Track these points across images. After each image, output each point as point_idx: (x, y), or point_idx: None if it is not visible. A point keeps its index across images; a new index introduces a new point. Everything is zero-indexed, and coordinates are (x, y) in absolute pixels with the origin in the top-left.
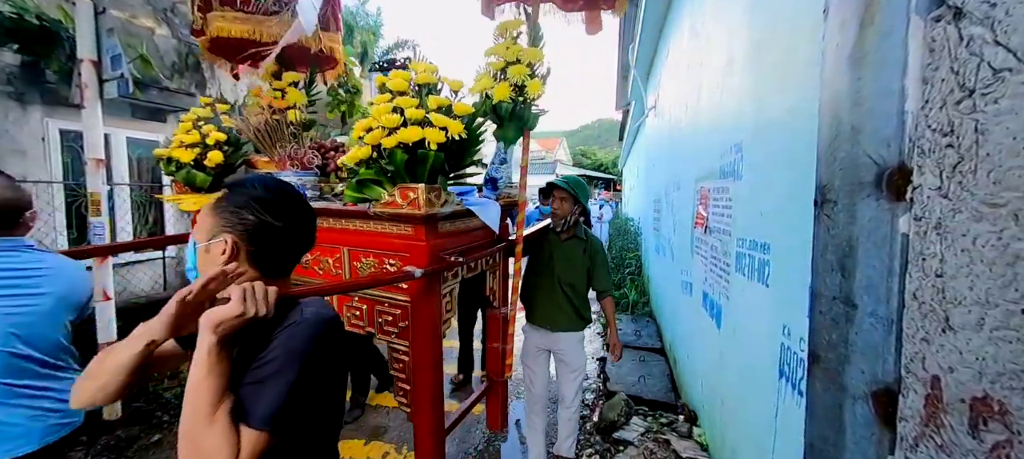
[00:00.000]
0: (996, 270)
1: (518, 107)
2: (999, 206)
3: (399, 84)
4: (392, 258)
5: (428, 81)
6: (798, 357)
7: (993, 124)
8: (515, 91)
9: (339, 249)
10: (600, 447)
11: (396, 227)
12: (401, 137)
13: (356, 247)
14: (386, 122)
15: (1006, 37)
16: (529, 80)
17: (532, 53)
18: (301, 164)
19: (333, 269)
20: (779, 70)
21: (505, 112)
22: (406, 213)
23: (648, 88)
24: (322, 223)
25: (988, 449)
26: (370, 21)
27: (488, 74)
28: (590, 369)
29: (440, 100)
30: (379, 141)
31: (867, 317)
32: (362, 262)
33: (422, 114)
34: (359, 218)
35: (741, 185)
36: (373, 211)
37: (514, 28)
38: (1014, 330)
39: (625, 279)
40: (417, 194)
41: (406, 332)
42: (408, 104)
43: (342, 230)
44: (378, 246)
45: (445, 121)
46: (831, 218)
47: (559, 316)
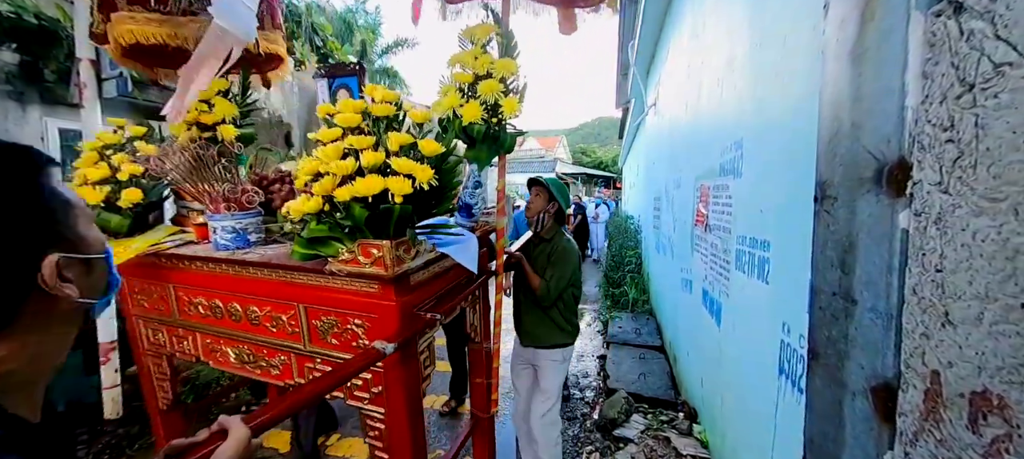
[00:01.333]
0: (996, 264)
1: (492, 129)
2: (999, 201)
3: (350, 119)
4: (357, 317)
5: (386, 114)
6: (798, 354)
7: (993, 119)
8: (488, 111)
9: (294, 305)
10: (600, 444)
11: (360, 282)
12: (357, 191)
13: (314, 304)
14: (337, 169)
15: (1007, 31)
16: (503, 98)
17: (505, 65)
18: (239, 204)
19: (288, 327)
20: (779, 67)
21: (477, 134)
22: (370, 273)
23: (648, 86)
24: (271, 274)
25: (987, 443)
26: (369, 19)
27: (454, 88)
28: (590, 367)
29: (402, 138)
30: (330, 192)
31: (867, 313)
32: (322, 321)
33: (382, 158)
34: (316, 270)
35: (741, 182)
36: (330, 270)
37: (482, 35)
38: (1013, 324)
39: (625, 277)
40: (382, 252)
41: (381, 398)
42: (363, 144)
43: (296, 284)
44: (340, 304)
45: (411, 167)
46: (831, 214)
47: (532, 328)
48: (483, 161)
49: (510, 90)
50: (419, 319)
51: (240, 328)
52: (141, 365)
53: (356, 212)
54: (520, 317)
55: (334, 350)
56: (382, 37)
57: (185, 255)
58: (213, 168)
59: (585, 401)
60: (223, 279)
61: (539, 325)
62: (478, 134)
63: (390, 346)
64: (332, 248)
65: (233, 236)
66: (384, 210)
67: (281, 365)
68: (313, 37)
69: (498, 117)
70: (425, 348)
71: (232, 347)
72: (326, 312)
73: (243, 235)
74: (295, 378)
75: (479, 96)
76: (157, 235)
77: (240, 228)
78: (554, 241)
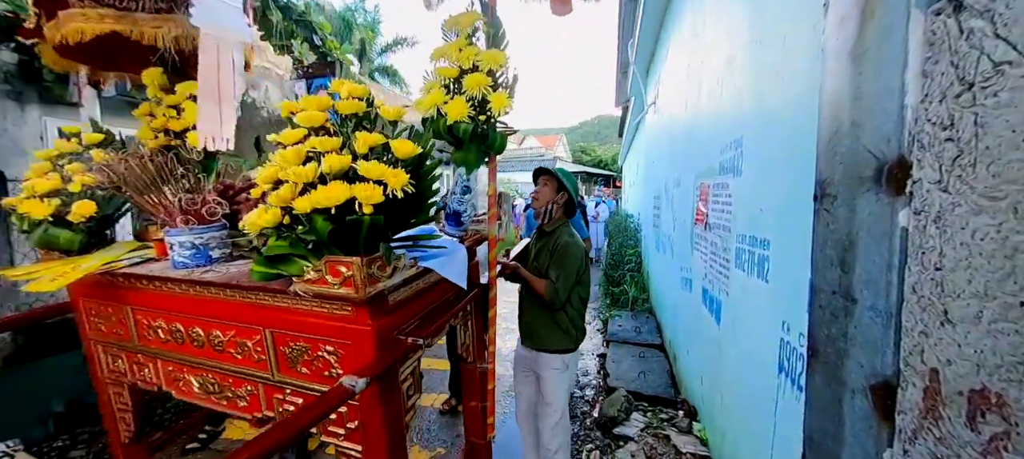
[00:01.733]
0: (995, 263)
1: (480, 128)
2: (998, 199)
3: (313, 117)
4: (329, 344)
5: (355, 111)
6: (797, 352)
7: (993, 117)
8: (475, 108)
9: (259, 330)
10: (600, 442)
11: (331, 304)
12: (318, 200)
13: (281, 329)
14: (296, 176)
15: (1006, 30)
16: (492, 93)
17: (493, 57)
18: (199, 217)
19: (254, 354)
20: (779, 65)
21: (464, 134)
22: (339, 295)
23: (648, 84)
24: (234, 295)
25: (986, 441)
26: (368, 18)
27: (438, 84)
28: (590, 365)
29: (371, 138)
30: (289, 203)
31: (866, 311)
32: (291, 348)
33: (347, 162)
34: (282, 291)
35: (741, 181)
36: (294, 291)
37: (467, 24)
38: (1012, 322)
39: (625, 275)
40: (352, 270)
41: (357, 434)
42: (327, 146)
43: (261, 306)
44: (309, 329)
45: (382, 172)
46: (831, 213)
47: (535, 328)
48: (471, 163)
49: (499, 84)
50: (399, 345)
51: (203, 355)
52: (101, 394)
53: (319, 225)
54: (522, 313)
55: (305, 380)
56: (381, 35)
57: (140, 274)
58: (171, 178)
59: (585, 399)
60: (183, 301)
61: (542, 325)
62: (465, 134)
63: (361, 382)
64: (296, 266)
65: (192, 253)
66: (351, 222)
67: (248, 396)
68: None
69: (486, 114)
70: (409, 375)
71: (196, 376)
72: (295, 338)
73: (204, 251)
74: (263, 410)
75: (465, 92)
76: (114, 252)
77: (201, 244)
78: (557, 235)
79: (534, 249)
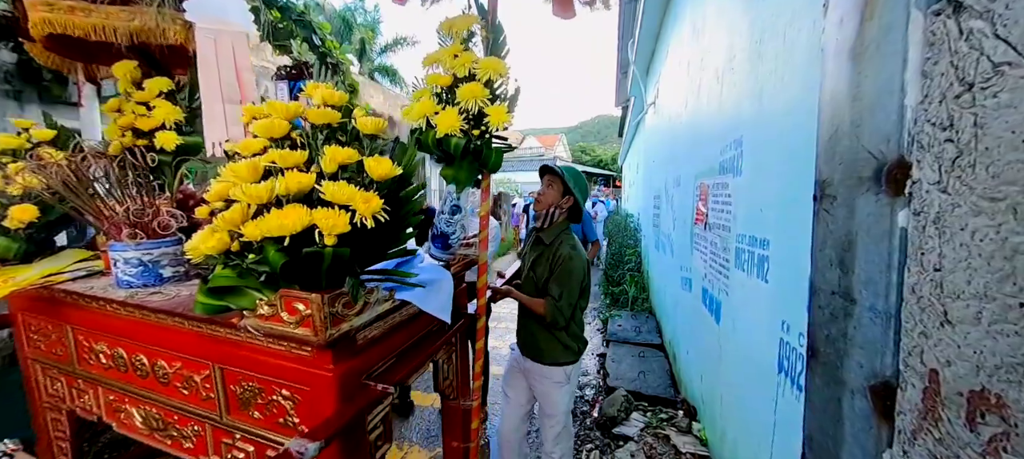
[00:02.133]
0: (994, 264)
1: (473, 143)
2: (998, 200)
3: (273, 127)
4: (285, 388)
5: (328, 121)
6: (797, 352)
7: (992, 118)
8: (469, 121)
9: (208, 365)
10: (600, 442)
11: (288, 342)
12: (270, 228)
13: (232, 366)
14: (248, 195)
15: (1006, 31)
16: (489, 105)
17: (492, 65)
18: (149, 230)
19: (202, 391)
20: (779, 65)
21: (455, 149)
22: (296, 336)
23: (648, 84)
24: (182, 323)
25: (985, 441)
26: (368, 17)
27: (429, 93)
28: (590, 365)
29: (343, 154)
30: (237, 228)
31: (866, 311)
32: (242, 387)
33: (312, 182)
34: (233, 323)
35: (741, 181)
36: (243, 327)
37: (463, 28)
38: (1012, 323)
39: (625, 275)
40: (310, 309)
41: None
42: (290, 161)
43: (211, 337)
44: (263, 368)
45: (350, 195)
46: (830, 213)
47: (533, 338)
48: (463, 181)
49: (497, 96)
50: (368, 392)
51: (147, 386)
52: (37, 418)
53: (271, 257)
54: (520, 319)
55: (258, 426)
56: (381, 35)
57: (77, 291)
58: (117, 184)
59: (585, 399)
60: (126, 324)
61: (540, 335)
62: (456, 149)
63: (312, 447)
64: (248, 299)
65: (140, 271)
66: (310, 255)
67: (195, 436)
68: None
69: (482, 128)
70: (378, 422)
71: (138, 408)
72: (247, 377)
73: (153, 270)
74: (210, 454)
75: (458, 102)
76: (59, 263)
77: (149, 261)
78: (557, 245)
79: (530, 256)
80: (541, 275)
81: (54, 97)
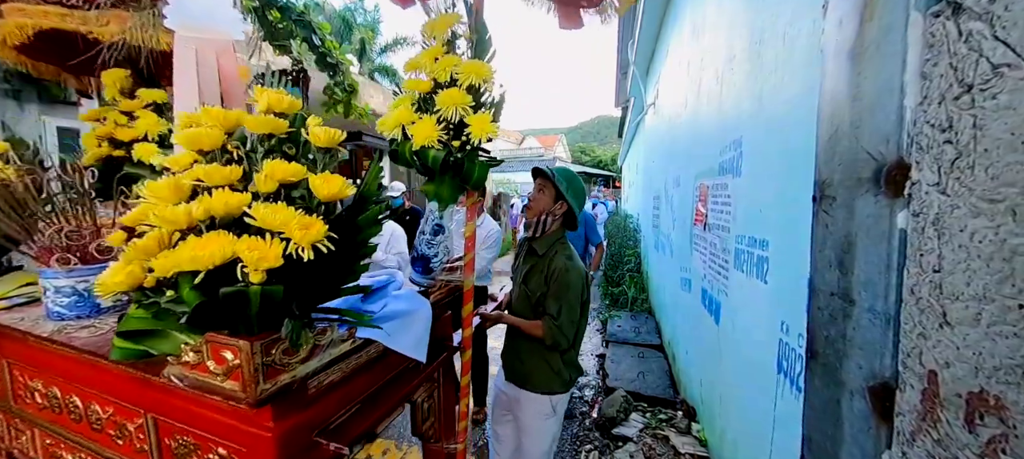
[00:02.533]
0: (993, 265)
1: (454, 156)
2: (997, 202)
3: (202, 137)
4: (221, 446)
5: (272, 131)
6: (796, 353)
7: (991, 120)
8: (449, 131)
9: (140, 413)
10: (599, 443)
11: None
12: (180, 260)
13: (166, 416)
14: (163, 220)
15: (1005, 32)
16: (471, 114)
17: (475, 69)
18: (84, 255)
19: (136, 441)
20: (778, 66)
21: (433, 163)
22: (226, 389)
23: (648, 85)
24: (111, 364)
25: (984, 443)
26: (368, 17)
27: (407, 101)
28: (589, 366)
29: (285, 170)
30: (148, 261)
31: (865, 313)
32: (177, 441)
33: (242, 204)
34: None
35: (740, 182)
36: (166, 376)
37: (445, 28)
38: (1011, 325)
39: (624, 276)
40: (239, 358)
41: None
42: (215, 179)
43: (143, 382)
44: (197, 421)
45: (284, 220)
46: (830, 214)
47: (516, 363)
48: (445, 199)
49: (482, 104)
50: (318, 452)
51: (80, 431)
52: None
53: (185, 295)
54: (507, 338)
55: None
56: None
57: (5, 323)
58: (50, 201)
59: (584, 400)
60: (59, 360)
61: (528, 357)
62: (434, 163)
63: None
64: (171, 342)
65: (73, 301)
66: (231, 295)
67: None
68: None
69: (463, 139)
70: None
71: (73, 455)
72: (181, 429)
73: (89, 300)
74: None
75: (437, 110)
76: (2, 287)
77: (85, 290)
78: (551, 256)
79: (522, 269)
80: (535, 290)
81: (53, 97)
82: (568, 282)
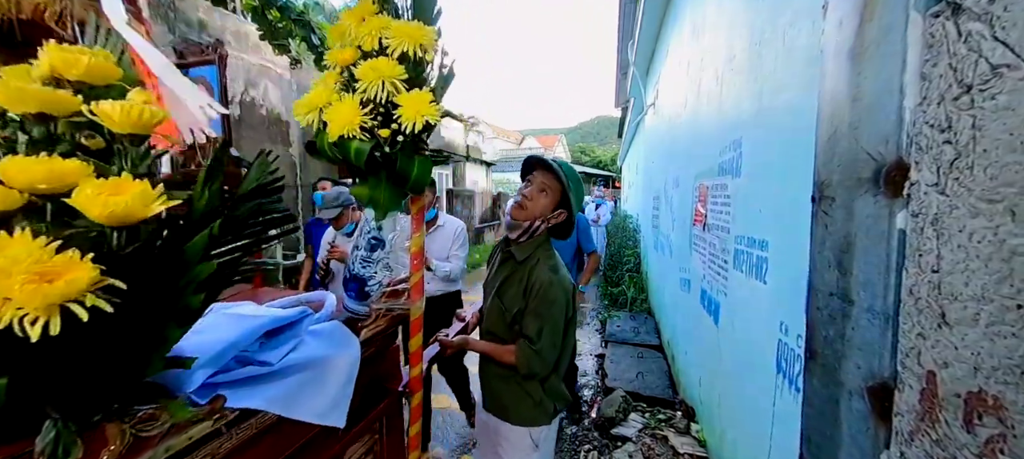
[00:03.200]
0: (992, 266)
1: (384, 148)
2: (996, 202)
3: None
4: None
5: (48, 109)
6: (795, 353)
7: (990, 120)
8: (377, 115)
9: None
10: (598, 443)
11: None
12: None
13: None
14: None
15: (1004, 33)
16: (403, 92)
17: (408, 32)
18: None
19: None
20: (778, 66)
21: (356, 157)
22: None
23: (647, 85)
24: None
25: (982, 443)
26: None
27: (331, 79)
28: (588, 366)
29: (33, 170)
30: None
31: (864, 313)
32: None
33: None
34: None
35: (740, 182)
36: None
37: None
38: (1009, 325)
39: (623, 276)
40: None
41: None
42: None
43: None
44: None
45: (5, 265)
46: (829, 215)
47: (497, 387)
48: (382, 205)
49: (423, 80)
50: None
51: None
52: None
53: None
54: (481, 362)
55: None
56: None
57: None
58: None
59: (583, 400)
60: None
61: (503, 386)
62: (357, 157)
63: None
64: None
65: None
66: None
67: None
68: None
69: (394, 127)
70: None
71: None
72: None
73: None
74: None
75: (359, 86)
76: None
77: None
78: (531, 264)
79: (497, 277)
80: (511, 304)
81: None
82: (551, 298)
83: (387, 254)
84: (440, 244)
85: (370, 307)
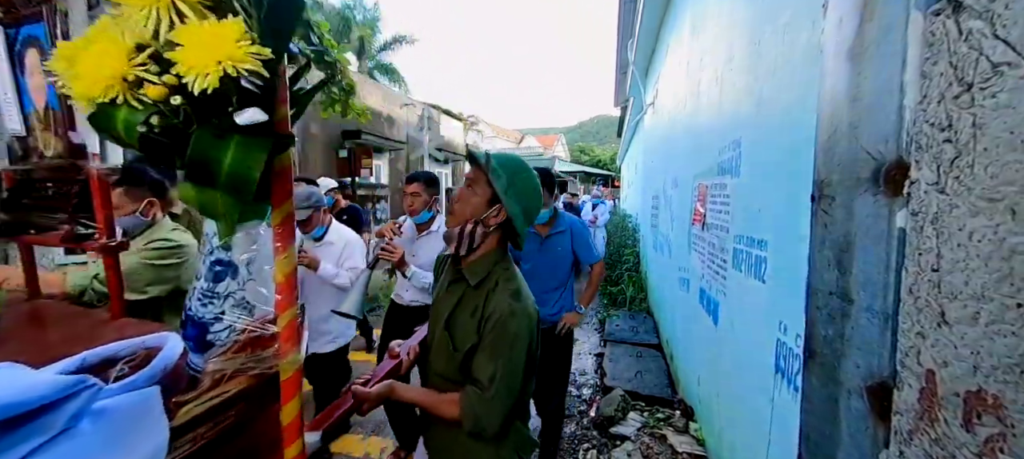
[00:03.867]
0: (992, 264)
1: (167, 118)
2: (996, 201)
3: None
4: None
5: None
6: (794, 352)
7: (991, 119)
8: (171, 88)
9: None
10: (597, 442)
11: None
12: None
13: None
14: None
15: (1005, 31)
16: (194, 21)
17: None
18: None
19: None
20: (778, 66)
21: (127, 133)
22: None
23: (647, 84)
24: None
25: (982, 442)
26: (367, 15)
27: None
28: (587, 365)
29: None
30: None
31: (863, 312)
32: None
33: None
34: None
35: (739, 181)
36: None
37: None
38: (1009, 324)
39: (623, 275)
40: None
41: None
42: None
43: None
44: None
45: None
46: (829, 214)
47: (431, 436)
48: (222, 214)
49: (222, 4)
50: None
51: None
52: None
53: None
54: (421, 418)
55: None
56: (381, 33)
57: None
58: None
59: (582, 399)
60: None
61: (453, 446)
62: (128, 133)
63: None
64: None
65: None
66: None
67: None
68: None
69: (170, 80)
70: None
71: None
72: None
73: None
74: None
75: (125, 13)
76: None
77: None
78: (487, 289)
79: (446, 305)
80: (463, 339)
81: None
82: (512, 332)
83: (240, 285)
84: (437, 252)
85: (213, 361)
